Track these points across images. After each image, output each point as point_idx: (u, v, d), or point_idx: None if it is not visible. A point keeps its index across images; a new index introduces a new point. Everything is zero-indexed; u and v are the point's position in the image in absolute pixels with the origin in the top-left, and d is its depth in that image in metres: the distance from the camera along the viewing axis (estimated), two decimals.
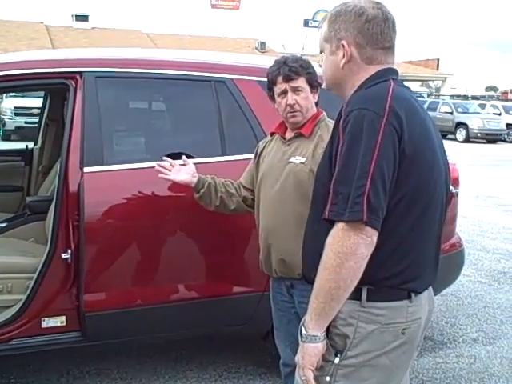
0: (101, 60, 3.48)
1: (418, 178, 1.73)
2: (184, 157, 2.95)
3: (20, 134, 15.55)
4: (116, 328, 3.26)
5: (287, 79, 2.61)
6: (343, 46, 1.83)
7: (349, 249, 1.63)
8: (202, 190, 2.85)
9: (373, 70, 1.84)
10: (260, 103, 3.42)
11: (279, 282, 2.73)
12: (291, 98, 2.61)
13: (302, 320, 1.79)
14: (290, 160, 2.62)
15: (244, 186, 2.89)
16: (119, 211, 3.17)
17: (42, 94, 5.49)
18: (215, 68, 3.53)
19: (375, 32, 1.81)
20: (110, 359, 3.86)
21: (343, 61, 1.84)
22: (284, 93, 2.63)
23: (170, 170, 2.90)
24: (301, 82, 2.61)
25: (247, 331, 3.52)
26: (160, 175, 2.92)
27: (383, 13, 1.82)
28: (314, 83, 2.64)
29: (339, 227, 1.65)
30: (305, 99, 2.62)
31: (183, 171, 2.88)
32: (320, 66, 2.00)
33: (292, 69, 2.61)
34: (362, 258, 1.64)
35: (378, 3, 1.85)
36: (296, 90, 2.61)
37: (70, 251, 3.08)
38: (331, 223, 1.67)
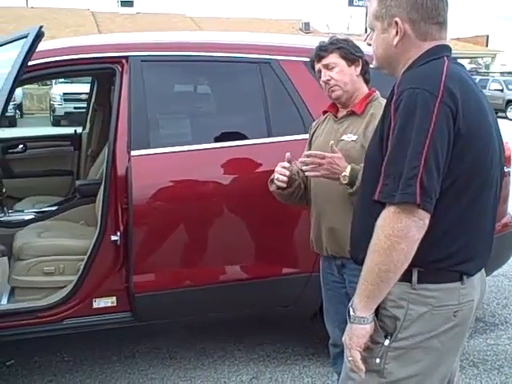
0: (146, 44, 3.51)
1: (474, 158, 1.68)
2: (288, 154, 2.60)
3: (69, 119, 15.83)
4: (165, 308, 3.31)
5: (319, 58, 2.64)
6: (396, 23, 1.77)
7: (400, 231, 1.60)
8: (290, 190, 2.66)
9: (426, 46, 1.78)
10: (305, 84, 3.39)
11: (330, 262, 2.72)
12: (324, 74, 2.63)
13: (351, 301, 1.77)
14: (342, 138, 2.61)
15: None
16: (166, 193, 3.21)
17: (90, 79, 5.56)
18: (260, 49, 3.51)
19: (429, 6, 1.75)
20: (160, 339, 3.93)
21: (397, 38, 1.78)
22: (320, 72, 2.66)
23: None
24: (332, 58, 2.61)
25: (295, 312, 3.53)
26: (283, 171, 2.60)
27: None
28: (349, 56, 2.61)
29: (390, 209, 1.62)
30: (340, 73, 2.61)
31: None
32: (369, 44, 1.95)
33: (321, 48, 2.63)
34: (414, 241, 1.61)
35: None
36: (328, 67, 2.62)
37: (119, 233, 3.13)
38: (382, 204, 1.65)
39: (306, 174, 2.55)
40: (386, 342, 1.73)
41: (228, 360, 3.71)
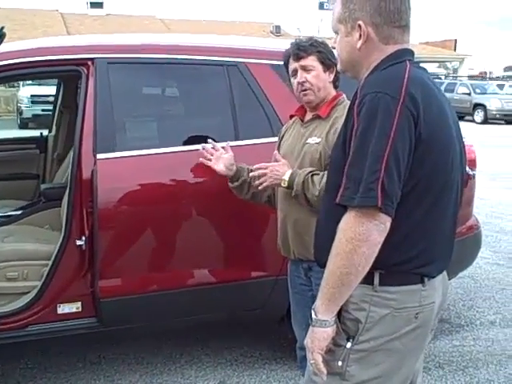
0: (112, 46, 3.47)
1: (434, 161, 1.69)
2: (227, 144, 2.93)
3: (37, 121, 15.61)
4: (132, 313, 3.28)
5: (297, 58, 2.61)
6: (360, 26, 1.78)
7: (361, 235, 1.61)
8: (236, 184, 2.86)
9: (389, 49, 1.79)
10: (273, 87, 3.40)
11: (297, 265, 2.73)
12: (301, 76, 2.61)
13: (314, 304, 1.77)
14: (307, 141, 2.62)
15: None
16: (133, 197, 3.17)
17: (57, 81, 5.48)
18: (227, 52, 3.50)
19: (391, 10, 1.76)
20: (126, 344, 3.89)
21: (360, 41, 1.79)
22: (295, 72, 2.63)
23: (212, 155, 2.89)
24: (311, 61, 2.60)
25: (262, 315, 3.52)
26: (201, 159, 2.93)
27: None
28: (326, 62, 2.61)
29: (352, 213, 1.62)
30: (316, 77, 2.60)
31: (222, 161, 2.87)
32: (333, 48, 1.96)
33: (301, 47, 2.61)
34: (375, 245, 1.62)
35: None
36: (306, 69, 2.60)
37: (84, 238, 3.09)
38: (344, 208, 1.65)
39: (259, 187, 2.69)
40: (348, 345, 1.74)
41: (195, 365, 3.69)
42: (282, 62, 2.77)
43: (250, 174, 2.75)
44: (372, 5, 1.76)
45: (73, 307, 3.20)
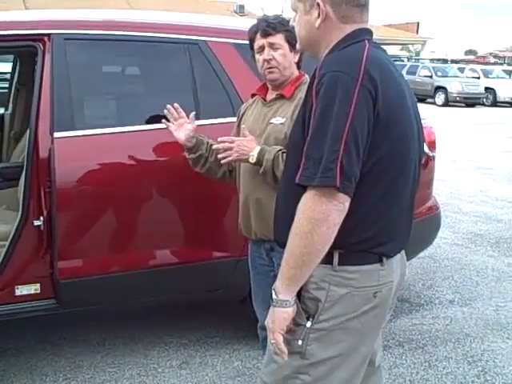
0: (70, 21, 3.37)
1: (392, 142, 1.70)
2: (192, 114, 2.81)
3: None
4: (92, 295, 3.23)
5: (265, 35, 2.57)
6: (318, 4, 1.77)
7: (321, 215, 1.60)
8: (193, 156, 2.80)
9: (348, 29, 1.78)
10: (235, 66, 3.37)
11: (258, 245, 2.72)
12: (267, 53, 2.58)
13: (274, 284, 1.77)
14: (271, 121, 2.60)
15: None
16: (92, 177, 3.12)
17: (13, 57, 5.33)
18: (188, 30, 3.45)
19: None
20: (88, 325, 3.84)
21: (318, 20, 1.78)
22: (262, 49, 2.60)
23: (175, 120, 2.79)
24: (278, 39, 2.57)
25: (225, 296, 3.52)
26: (163, 120, 2.82)
27: None
28: (293, 42, 2.56)
29: (311, 193, 1.62)
30: (282, 56, 2.58)
31: (184, 130, 2.77)
32: (293, 27, 1.94)
33: (270, 24, 2.57)
34: (334, 225, 1.62)
35: None
36: (273, 47, 2.57)
37: (42, 218, 3.03)
38: (303, 188, 1.65)
39: (222, 161, 2.62)
40: (308, 324, 1.75)
41: (158, 345, 3.67)
42: (245, 42, 2.73)
43: (214, 147, 2.68)
44: None
45: (31, 289, 3.14)
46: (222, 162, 2.63)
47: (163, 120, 2.82)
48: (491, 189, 8.40)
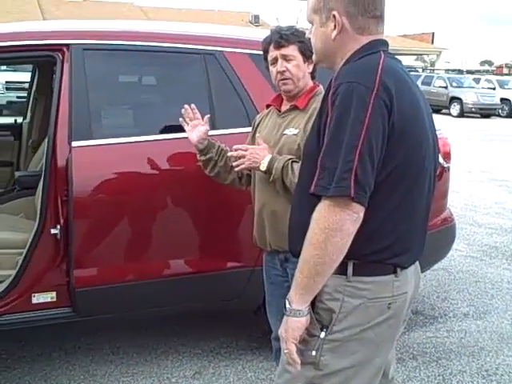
0: (88, 32, 3.42)
1: (407, 152, 1.70)
2: (206, 117, 2.88)
3: (12, 108, 15.32)
4: (107, 303, 3.25)
5: (278, 46, 2.59)
6: (334, 16, 1.78)
7: (335, 224, 1.61)
8: (203, 158, 2.85)
9: (364, 40, 1.79)
10: (251, 77, 3.38)
11: (273, 256, 2.73)
12: (281, 65, 2.59)
13: (288, 294, 1.78)
14: (285, 132, 2.61)
15: None
16: (108, 186, 3.14)
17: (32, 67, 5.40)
18: (205, 40, 3.47)
19: (366, 0, 1.76)
20: (102, 334, 3.86)
21: (335, 32, 1.80)
22: (275, 60, 2.61)
23: (191, 120, 2.85)
24: (291, 50, 2.58)
25: (238, 306, 3.52)
26: (180, 119, 2.88)
27: None
28: (307, 53, 2.59)
29: (326, 202, 1.63)
30: (296, 67, 2.59)
31: (196, 131, 2.83)
32: (309, 38, 1.95)
33: (283, 36, 2.58)
34: (348, 234, 1.63)
35: None
36: (287, 58, 2.58)
37: (59, 226, 3.05)
38: (318, 197, 1.65)
39: (235, 168, 2.67)
40: (322, 335, 1.75)
41: (171, 355, 3.68)
42: (260, 52, 2.75)
43: (228, 154, 2.73)
44: None
45: (48, 297, 3.16)
46: (236, 169, 2.67)
47: (180, 119, 2.87)
48: (506, 201, 8.35)
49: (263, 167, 2.54)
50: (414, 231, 1.83)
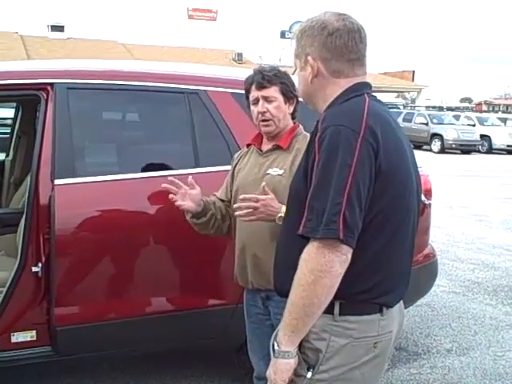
0: (72, 71, 3.45)
1: (393, 193, 1.73)
2: (190, 179, 2.63)
3: None
4: (88, 342, 3.21)
5: (259, 87, 2.60)
6: (309, 61, 1.84)
7: (324, 266, 1.62)
8: (204, 219, 2.69)
9: (344, 83, 1.84)
10: (234, 115, 3.42)
11: (254, 294, 2.71)
12: (262, 106, 2.60)
13: (274, 335, 1.77)
14: (268, 172, 2.61)
15: (222, 200, 2.80)
16: (91, 223, 3.14)
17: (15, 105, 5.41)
18: (188, 79, 3.52)
19: (338, 45, 1.81)
20: (83, 373, 3.80)
21: (311, 75, 1.86)
22: (257, 101, 2.62)
23: (177, 194, 2.62)
24: (273, 92, 2.60)
25: (221, 344, 3.49)
26: (170, 196, 2.62)
27: (347, 24, 1.82)
28: (288, 94, 2.62)
29: (314, 244, 1.64)
30: (276, 109, 2.60)
31: (190, 197, 2.61)
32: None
33: (265, 77, 2.60)
34: (337, 276, 1.64)
35: (342, 15, 1.85)
36: (268, 99, 2.60)
37: (40, 264, 3.04)
38: (305, 238, 1.67)
39: (242, 219, 2.51)
40: (309, 375, 1.75)
41: None
42: (242, 91, 2.78)
43: (234, 206, 2.54)
44: (319, 40, 1.82)
45: (27, 335, 3.13)
46: (244, 219, 2.50)
47: (170, 196, 2.63)
48: (487, 236, 8.42)
49: (280, 221, 2.33)
50: (399, 270, 1.85)
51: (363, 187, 1.64)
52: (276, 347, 1.74)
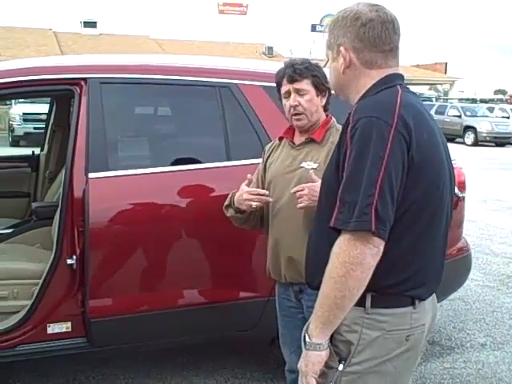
0: (105, 66, 3.49)
1: (426, 185, 1.71)
2: (250, 176, 2.65)
3: (29, 139, 15.57)
4: (122, 334, 3.26)
5: (291, 80, 2.59)
6: (341, 51, 1.83)
7: (355, 258, 1.61)
8: (247, 213, 2.68)
9: (376, 74, 1.82)
10: (265, 108, 3.42)
11: (286, 288, 2.71)
12: (294, 99, 2.59)
13: (305, 327, 1.77)
14: (302, 165, 2.60)
15: None
16: (124, 217, 3.17)
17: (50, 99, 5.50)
18: (219, 73, 3.53)
19: (371, 35, 1.80)
20: (116, 364, 3.85)
21: (343, 66, 1.84)
22: (288, 94, 2.61)
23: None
24: (305, 85, 2.58)
25: (253, 336, 3.51)
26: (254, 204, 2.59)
27: (380, 15, 1.80)
28: (320, 86, 2.60)
29: (346, 236, 1.63)
30: (308, 102, 2.59)
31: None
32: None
33: (296, 70, 2.58)
34: (369, 268, 1.63)
35: (375, 5, 1.83)
36: (300, 92, 2.58)
37: (75, 257, 3.08)
38: (337, 231, 1.66)
39: (297, 206, 2.48)
40: (340, 367, 1.74)
41: None
42: (273, 84, 2.77)
43: (292, 190, 2.51)
44: (353, 31, 1.81)
45: (63, 327, 3.18)
46: (298, 206, 2.48)
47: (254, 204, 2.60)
48: None
49: None
50: (432, 263, 1.83)
51: (395, 179, 1.63)
52: (307, 339, 1.74)
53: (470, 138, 24.34)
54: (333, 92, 2.05)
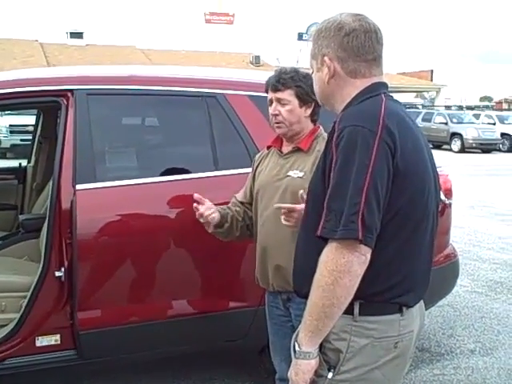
0: (91, 77, 3.49)
1: (411, 192, 1.73)
2: (196, 195, 2.66)
3: (15, 151, 15.45)
4: (111, 345, 3.24)
5: (274, 90, 2.61)
6: (325, 61, 1.85)
7: (343, 267, 1.62)
8: (227, 225, 2.71)
9: (360, 83, 1.84)
10: (252, 118, 3.43)
11: (275, 296, 2.72)
12: (274, 108, 2.62)
13: (294, 335, 1.78)
14: (288, 174, 2.61)
15: (241, 203, 2.83)
16: (112, 228, 3.16)
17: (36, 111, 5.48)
18: (206, 83, 3.54)
19: (355, 45, 1.81)
20: (106, 377, 3.83)
21: (327, 76, 1.86)
22: (271, 102, 2.64)
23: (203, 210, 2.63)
24: (287, 95, 2.60)
25: (243, 346, 3.50)
26: (199, 212, 2.64)
27: (363, 25, 1.82)
28: (304, 97, 2.60)
29: (333, 245, 1.64)
30: (289, 112, 2.60)
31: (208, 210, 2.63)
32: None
33: (280, 80, 2.60)
34: (356, 276, 1.64)
35: (358, 15, 1.85)
36: (281, 102, 2.60)
37: (63, 269, 3.07)
38: (324, 239, 1.67)
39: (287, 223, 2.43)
40: (330, 375, 1.75)
41: None
42: (260, 94, 2.79)
43: (275, 206, 2.48)
44: (336, 41, 1.83)
45: (51, 340, 3.16)
46: (283, 223, 2.42)
47: (199, 212, 2.64)
48: (510, 235, 8.32)
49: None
50: (419, 270, 1.84)
51: (381, 187, 1.64)
52: (297, 348, 1.75)
53: (456, 144, 24.50)
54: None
